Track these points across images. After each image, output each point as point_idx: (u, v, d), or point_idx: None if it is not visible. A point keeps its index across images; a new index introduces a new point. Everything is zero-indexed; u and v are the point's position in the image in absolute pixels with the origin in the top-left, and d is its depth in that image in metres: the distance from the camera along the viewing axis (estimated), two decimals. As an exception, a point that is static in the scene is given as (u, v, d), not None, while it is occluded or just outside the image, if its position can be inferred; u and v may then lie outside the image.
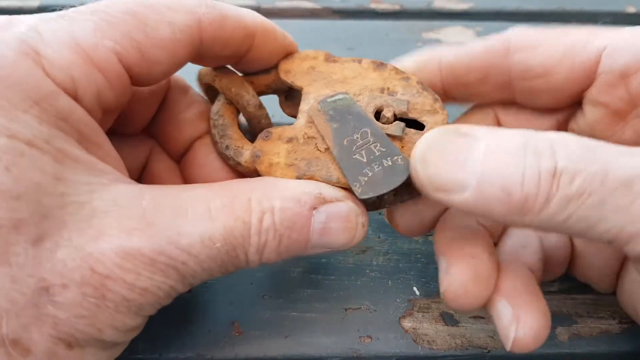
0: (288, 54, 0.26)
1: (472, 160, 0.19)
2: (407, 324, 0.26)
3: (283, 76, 0.25)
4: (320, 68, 0.25)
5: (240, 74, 0.26)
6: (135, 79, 0.21)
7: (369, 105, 0.24)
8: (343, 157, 0.22)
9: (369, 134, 0.22)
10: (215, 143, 0.25)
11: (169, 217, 0.19)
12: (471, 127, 0.20)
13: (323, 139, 0.23)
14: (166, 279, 0.19)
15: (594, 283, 0.26)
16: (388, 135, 0.23)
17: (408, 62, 0.26)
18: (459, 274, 0.22)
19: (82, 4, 0.21)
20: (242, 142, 0.24)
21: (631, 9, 0.45)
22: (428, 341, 0.25)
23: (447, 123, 0.24)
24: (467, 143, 0.19)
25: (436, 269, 0.28)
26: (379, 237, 0.29)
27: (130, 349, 0.24)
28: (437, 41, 0.42)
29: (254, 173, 0.23)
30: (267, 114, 0.25)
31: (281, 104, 0.27)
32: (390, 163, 0.22)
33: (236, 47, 0.23)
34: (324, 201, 0.21)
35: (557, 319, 0.26)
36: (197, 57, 0.23)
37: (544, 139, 0.19)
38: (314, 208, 0.21)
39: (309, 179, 0.22)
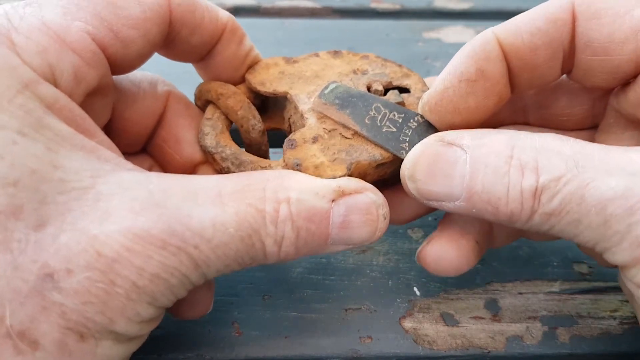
0: (252, 64, 0.25)
1: (459, 174, 0.20)
2: (407, 324, 0.26)
3: (260, 88, 0.25)
4: (289, 71, 0.25)
5: (243, 96, 0.25)
6: (112, 61, 0.20)
7: (358, 86, 0.24)
8: (375, 134, 0.22)
9: (381, 107, 0.23)
10: (204, 145, 0.24)
11: (178, 199, 0.18)
12: (456, 136, 0.20)
13: (344, 126, 0.23)
14: (178, 265, 0.18)
15: (596, 258, 0.26)
16: None
17: (465, 58, 0.21)
18: (442, 246, 0.23)
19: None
20: (262, 161, 0.23)
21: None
22: (428, 341, 0.25)
23: (422, 79, 0.25)
24: (453, 156, 0.20)
25: (436, 269, 0.28)
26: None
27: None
28: (438, 41, 0.42)
29: None
30: (267, 141, 0.25)
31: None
32: (415, 124, 0.23)
33: (205, 36, 0.23)
34: (342, 194, 0.20)
35: (558, 319, 0.26)
36: (168, 42, 0.22)
37: (529, 149, 0.19)
38: (333, 201, 0.20)
39: (356, 166, 0.22)
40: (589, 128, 0.25)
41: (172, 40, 0.22)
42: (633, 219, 0.18)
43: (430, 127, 0.23)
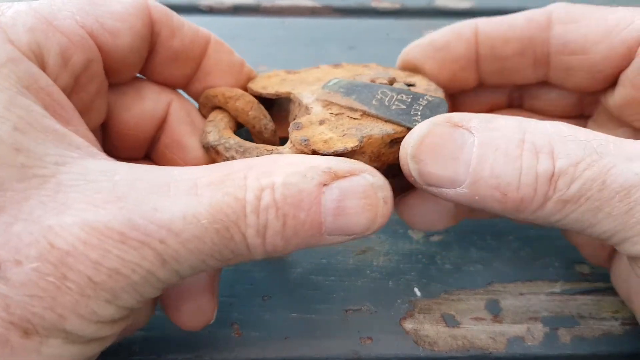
0: (249, 77, 0.25)
1: (466, 157, 0.18)
2: (408, 325, 0.25)
3: (262, 91, 0.24)
4: (290, 78, 0.25)
5: (252, 97, 0.24)
6: (102, 47, 0.20)
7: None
8: (385, 112, 0.21)
9: (387, 91, 0.22)
10: (207, 142, 0.23)
11: (145, 192, 0.17)
12: (464, 117, 0.19)
13: (351, 109, 0.22)
14: (140, 260, 0.17)
15: (584, 252, 0.26)
16: None
17: (442, 32, 0.25)
18: (420, 199, 0.24)
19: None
20: (268, 146, 0.22)
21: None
22: (429, 342, 0.25)
23: (427, 78, 0.25)
24: (460, 138, 0.19)
25: (437, 270, 0.28)
26: (379, 238, 0.29)
27: (128, 350, 0.24)
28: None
29: None
30: (279, 142, 0.24)
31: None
32: (425, 102, 0.22)
33: (186, 41, 0.23)
34: (335, 176, 0.18)
35: (560, 320, 0.26)
36: (151, 48, 0.23)
37: (542, 134, 0.18)
38: (324, 185, 0.18)
39: (368, 140, 0.20)
40: (576, 117, 0.26)
41: (154, 44, 0.22)
42: None
43: (441, 105, 0.22)
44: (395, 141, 0.21)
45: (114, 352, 0.24)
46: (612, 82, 0.23)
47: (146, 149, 0.25)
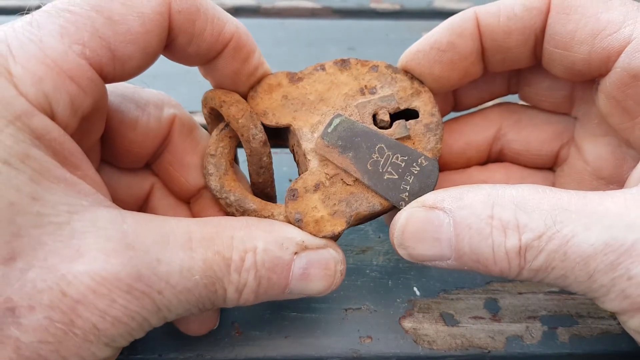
0: (261, 78, 0.25)
1: (446, 236, 0.20)
2: (407, 324, 0.26)
3: (263, 120, 0.24)
4: (292, 94, 0.25)
5: (246, 104, 0.24)
6: (108, 78, 0.20)
7: (363, 116, 0.24)
8: (376, 183, 0.23)
9: (385, 148, 0.23)
10: (209, 185, 0.24)
11: (149, 242, 0.18)
12: (437, 198, 0.21)
13: (346, 172, 0.23)
14: (140, 309, 0.18)
15: None
16: (398, 139, 0.23)
17: (440, 32, 0.24)
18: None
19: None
20: (265, 211, 0.23)
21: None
22: (428, 341, 0.25)
23: (432, 99, 0.24)
24: (437, 220, 0.21)
25: (436, 269, 0.28)
26: (379, 237, 0.29)
27: (129, 349, 0.24)
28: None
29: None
30: (270, 152, 0.24)
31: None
32: (418, 168, 0.23)
33: (203, 47, 0.22)
34: (305, 248, 0.21)
35: (558, 319, 0.26)
36: (164, 46, 0.22)
37: (508, 205, 0.20)
38: (296, 253, 0.21)
39: (355, 217, 0.22)
40: (565, 114, 0.26)
41: (168, 45, 0.22)
42: (615, 273, 0.18)
43: (432, 172, 0.23)
44: (380, 213, 0.23)
45: (115, 351, 0.24)
46: (591, 83, 0.23)
47: (147, 160, 0.25)
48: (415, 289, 0.27)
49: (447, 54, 0.24)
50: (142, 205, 0.25)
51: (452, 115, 0.28)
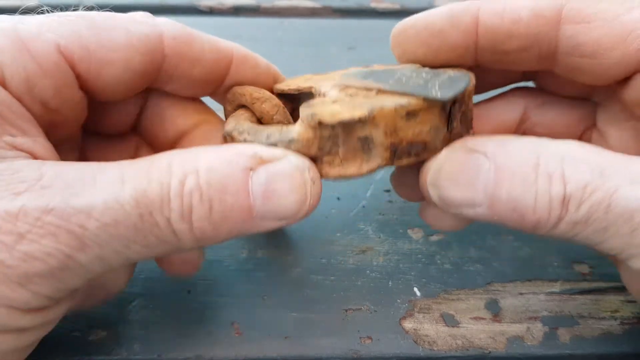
0: (274, 75, 0.25)
1: (483, 181, 0.19)
2: (407, 324, 0.26)
3: (284, 87, 0.24)
4: (315, 78, 0.25)
5: (278, 101, 0.24)
6: (83, 79, 0.20)
7: None
8: (401, 87, 0.20)
9: (408, 72, 0.22)
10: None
11: (70, 180, 0.17)
12: (480, 142, 0.20)
13: (367, 89, 0.21)
14: (58, 244, 0.17)
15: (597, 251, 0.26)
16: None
17: (439, 14, 0.23)
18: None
19: (79, 3, 0.20)
20: (277, 126, 0.21)
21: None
22: (429, 342, 0.25)
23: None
24: (477, 162, 0.20)
25: (437, 270, 0.28)
26: (379, 237, 0.29)
27: (128, 350, 0.24)
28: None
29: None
30: None
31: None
32: (446, 77, 0.21)
33: (208, 67, 0.22)
34: (261, 161, 0.19)
35: (559, 319, 0.26)
36: (166, 76, 0.22)
37: (554, 156, 0.19)
38: (251, 169, 0.18)
39: (379, 111, 0.19)
40: (584, 99, 0.26)
41: (172, 74, 0.22)
42: None
43: (462, 78, 0.21)
44: (412, 114, 0.20)
45: (114, 352, 0.24)
46: (624, 81, 0.23)
47: (131, 125, 0.25)
48: (415, 289, 0.27)
49: (436, 40, 0.23)
50: None
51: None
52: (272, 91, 0.25)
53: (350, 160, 0.20)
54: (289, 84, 0.25)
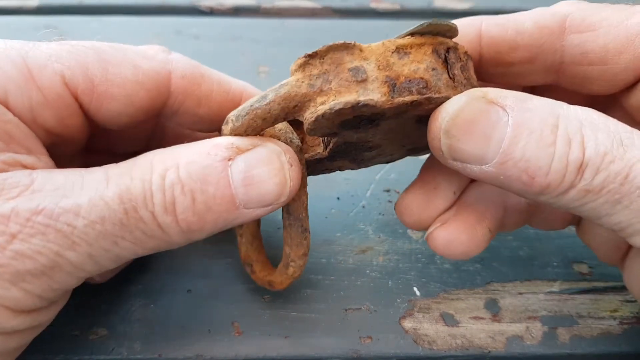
0: None
1: (498, 136, 0.18)
2: (407, 324, 0.26)
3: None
4: None
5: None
6: (86, 109, 0.21)
7: None
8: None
9: None
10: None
11: (59, 183, 0.18)
12: (500, 94, 0.19)
13: None
14: (47, 242, 0.17)
15: (598, 252, 0.25)
16: None
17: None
18: (456, 230, 0.23)
19: (80, 4, 0.20)
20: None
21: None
22: (428, 341, 0.25)
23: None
24: (495, 115, 0.18)
25: (436, 270, 0.28)
26: (379, 237, 0.29)
27: (128, 349, 0.24)
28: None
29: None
30: (304, 160, 0.23)
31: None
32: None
33: (214, 107, 0.23)
34: (238, 150, 0.19)
35: (558, 319, 0.26)
36: (170, 112, 0.22)
37: (574, 120, 0.18)
38: (230, 159, 0.19)
39: (367, 46, 0.20)
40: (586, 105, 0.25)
41: (176, 110, 0.22)
42: None
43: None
44: (403, 51, 0.20)
45: (114, 351, 0.24)
46: (632, 86, 0.22)
47: (142, 145, 0.26)
48: (415, 289, 0.27)
49: None
50: None
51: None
52: None
53: (345, 93, 0.20)
54: None
